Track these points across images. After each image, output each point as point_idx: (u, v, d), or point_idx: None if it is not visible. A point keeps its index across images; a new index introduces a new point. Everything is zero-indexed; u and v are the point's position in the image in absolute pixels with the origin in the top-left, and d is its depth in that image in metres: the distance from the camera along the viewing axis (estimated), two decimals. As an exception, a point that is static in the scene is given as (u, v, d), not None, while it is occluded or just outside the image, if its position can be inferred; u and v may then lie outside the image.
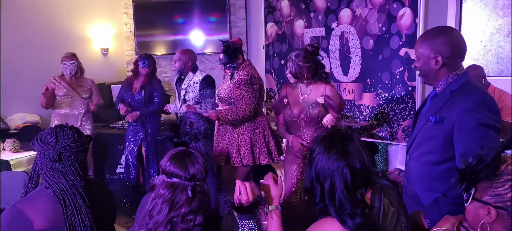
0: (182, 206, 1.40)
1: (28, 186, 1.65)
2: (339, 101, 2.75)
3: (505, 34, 3.66)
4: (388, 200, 1.38)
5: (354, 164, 1.35)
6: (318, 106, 2.73)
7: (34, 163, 1.64)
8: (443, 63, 1.77)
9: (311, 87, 2.78)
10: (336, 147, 1.38)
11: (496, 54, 3.74)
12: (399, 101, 3.97)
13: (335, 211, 1.35)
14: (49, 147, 1.58)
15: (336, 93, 2.77)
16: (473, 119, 1.66)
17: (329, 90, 2.73)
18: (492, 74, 3.54)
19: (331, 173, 1.36)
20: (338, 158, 1.36)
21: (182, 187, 1.42)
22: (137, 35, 5.83)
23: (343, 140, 1.40)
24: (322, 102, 2.72)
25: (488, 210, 1.20)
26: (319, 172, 1.39)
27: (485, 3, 3.73)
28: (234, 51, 3.07)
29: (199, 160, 1.46)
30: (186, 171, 1.43)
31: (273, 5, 5.07)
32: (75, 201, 1.56)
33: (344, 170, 1.34)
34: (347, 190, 1.34)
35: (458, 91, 1.76)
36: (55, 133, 1.61)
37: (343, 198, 1.33)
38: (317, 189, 1.40)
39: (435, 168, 1.81)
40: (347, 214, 1.32)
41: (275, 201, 1.58)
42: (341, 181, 1.34)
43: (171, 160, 1.45)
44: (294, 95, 2.84)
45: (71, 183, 1.58)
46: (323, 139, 1.43)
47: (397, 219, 1.38)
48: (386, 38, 3.99)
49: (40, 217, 1.51)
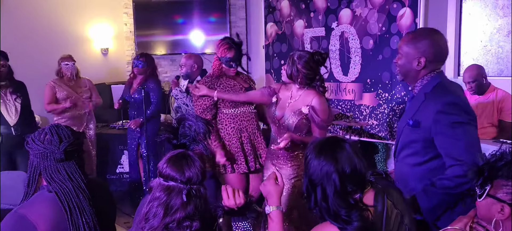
0: (177, 211, 1.37)
1: (28, 190, 1.59)
2: (326, 116, 2.47)
3: (505, 34, 3.66)
4: (391, 202, 1.37)
5: (344, 169, 1.34)
6: (300, 115, 2.49)
7: (32, 167, 1.58)
8: (424, 65, 1.80)
9: (301, 93, 2.54)
10: (325, 153, 1.37)
11: (496, 54, 3.74)
12: (399, 101, 3.97)
13: (329, 216, 1.34)
14: (52, 147, 1.54)
15: (325, 107, 2.48)
16: (447, 121, 1.70)
17: (316, 101, 2.46)
18: (492, 74, 3.54)
19: (321, 178, 1.36)
20: (326, 163, 1.35)
21: (178, 190, 1.39)
22: (137, 35, 5.83)
23: (332, 145, 1.39)
24: (306, 113, 2.47)
25: (501, 207, 1.21)
26: (311, 177, 1.39)
27: (485, 3, 3.73)
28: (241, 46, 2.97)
29: (196, 163, 1.43)
30: (182, 174, 1.40)
31: (273, 5, 5.07)
32: (79, 202, 1.54)
33: (332, 175, 1.34)
34: (338, 195, 1.33)
35: (431, 93, 1.80)
36: (55, 132, 1.58)
37: (336, 204, 1.32)
38: (311, 194, 1.40)
39: (419, 169, 1.85)
40: (342, 220, 1.31)
41: (275, 201, 1.58)
42: (331, 186, 1.33)
43: (168, 162, 1.43)
44: (284, 97, 2.63)
45: (76, 183, 1.56)
46: (316, 145, 1.43)
47: (401, 221, 1.37)
48: (386, 38, 3.99)
49: (44, 222, 1.48)
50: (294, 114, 2.51)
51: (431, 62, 1.79)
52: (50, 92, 4.23)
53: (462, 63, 3.89)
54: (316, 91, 2.51)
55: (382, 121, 4.11)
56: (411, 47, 1.82)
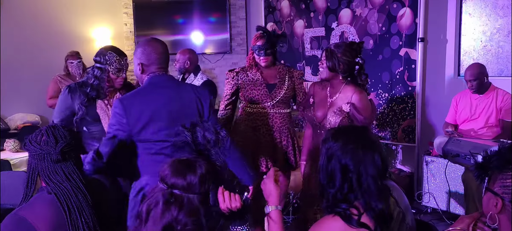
0: (163, 214, 1.35)
1: (27, 191, 1.59)
2: (368, 113, 2.33)
3: (505, 34, 3.66)
4: (394, 200, 1.38)
5: (382, 154, 1.44)
6: (342, 114, 2.33)
7: (30, 168, 1.58)
8: (142, 69, 2.04)
9: (340, 90, 2.38)
10: (363, 140, 1.45)
11: (496, 54, 3.74)
12: (399, 101, 3.98)
13: (363, 198, 1.40)
14: (49, 148, 1.54)
15: (366, 104, 2.34)
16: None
17: (356, 97, 2.30)
18: (492, 74, 3.54)
19: (359, 163, 1.42)
20: (365, 148, 1.43)
21: (162, 194, 1.37)
22: (137, 35, 5.82)
23: (364, 132, 1.51)
24: (347, 110, 2.31)
25: (496, 201, 1.22)
26: (345, 164, 1.44)
27: (485, 3, 3.73)
28: (277, 38, 2.83)
29: (197, 171, 1.39)
30: (170, 178, 1.38)
31: (273, 5, 5.07)
32: (77, 202, 1.53)
33: (375, 158, 1.41)
34: (375, 179, 1.40)
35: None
36: (51, 133, 1.57)
37: (373, 186, 1.39)
38: (339, 180, 1.44)
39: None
40: (375, 200, 1.38)
41: (275, 201, 1.56)
42: (373, 170, 1.41)
43: (168, 164, 1.42)
44: (321, 97, 2.47)
45: (74, 183, 1.56)
46: (342, 132, 1.51)
47: (402, 219, 1.38)
48: (386, 38, 4.00)
49: (44, 224, 1.47)
50: (335, 114, 2.35)
51: (146, 66, 2.04)
52: (54, 87, 4.19)
53: (462, 63, 3.89)
54: (354, 87, 2.35)
55: (382, 121, 4.11)
56: (134, 56, 2.08)
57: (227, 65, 5.78)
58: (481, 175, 1.29)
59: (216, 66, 5.76)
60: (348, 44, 2.37)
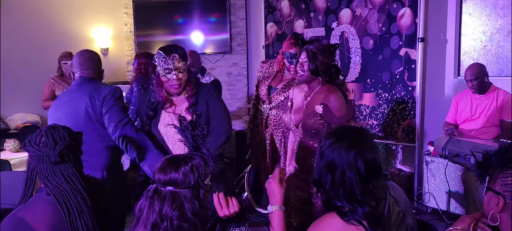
0: (148, 213, 1.37)
1: (25, 191, 1.58)
2: (343, 113, 2.24)
3: (505, 34, 3.66)
4: (394, 200, 1.38)
5: (366, 156, 1.41)
6: (315, 116, 2.27)
7: (30, 169, 1.58)
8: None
9: (315, 91, 2.32)
10: (350, 138, 1.44)
11: (496, 54, 3.74)
12: (399, 101, 3.97)
13: (345, 198, 1.40)
14: (48, 149, 1.53)
15: (341, 103, 2.25)
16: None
17: (330, 97, 2.24)
18: (492, 74, 3.54)
19: (343, 163, 1.41)
20: (350, 148, 1.41)
21: (146, 191, 1.41)
22: (137, 35, 5.82)
23: (356, 131, 1.48)
24: (320, 112, 2.25)
25: (498, 199, 1.22)
26: (331, 161, 1.44)
27: (485, 3, 3.73)
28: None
29: (182, 167, 1.40)
30: (156, 175, 1.41)
31: (273, 5, 5.07)
32: (77, 204, 1.53)
33: (358, 159, 1.40)
34: (359, 179, 1.39)
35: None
36: (50, 134, 1.56)
37: (355, 186, 1.39)
38: (327, 178, 1.44)
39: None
40: (356, 200, 1.37)
41: (279, 201, 1.56)
42: (354, 170, 1.40)
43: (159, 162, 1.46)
44: (298, 100, 2.40)
45: (73, 185, 1.55)
46: (337, 131, 1.50)
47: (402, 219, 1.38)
48: (386, 38, 4.00)
49: (43, 225, 1.47)
50: (309, 116, 2.29)
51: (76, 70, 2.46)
52: (48, 90, 4.16)
53: (462, 63, 3.89)
54: (328, 87, 2.29)
55: (382, 121, 4.11)
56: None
57: (227, 65, 5.78)
58: (482, 175, 1.29)
59: (216, 66, 5.76)
60: (326, 46, 2.33)
